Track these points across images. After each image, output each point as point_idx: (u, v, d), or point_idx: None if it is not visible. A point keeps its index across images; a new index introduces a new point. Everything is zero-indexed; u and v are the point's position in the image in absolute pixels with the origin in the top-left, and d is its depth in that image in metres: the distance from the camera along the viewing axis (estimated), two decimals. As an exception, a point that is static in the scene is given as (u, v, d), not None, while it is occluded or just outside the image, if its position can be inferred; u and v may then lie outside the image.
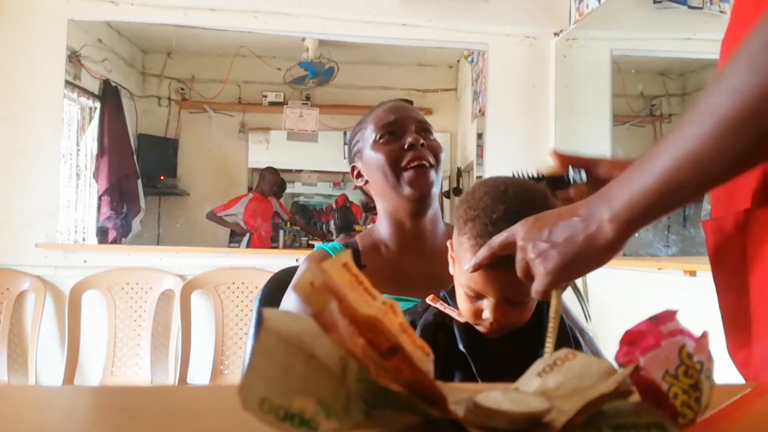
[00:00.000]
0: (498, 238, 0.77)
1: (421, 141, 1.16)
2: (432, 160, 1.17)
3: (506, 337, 0.89)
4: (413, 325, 0.92)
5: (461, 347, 0.88)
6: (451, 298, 0.93)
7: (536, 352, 0.88)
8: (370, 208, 1.47)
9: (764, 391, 0.45)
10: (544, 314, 0.93)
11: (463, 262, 0.86)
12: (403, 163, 1.16)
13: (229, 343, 3.22)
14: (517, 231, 0.74)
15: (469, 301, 0.88)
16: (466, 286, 0.86)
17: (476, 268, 0.81)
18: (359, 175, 1.27)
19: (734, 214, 0.70)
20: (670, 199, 0.62)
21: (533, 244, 0.72)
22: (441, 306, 0.92)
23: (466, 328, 0.89)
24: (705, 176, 0.58)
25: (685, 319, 0.41)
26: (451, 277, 0.97)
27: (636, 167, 0.64)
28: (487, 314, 0.86)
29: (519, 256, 0.74)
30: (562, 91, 3.36)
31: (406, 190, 1.16)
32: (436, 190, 1.19)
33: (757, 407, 0.43)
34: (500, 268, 0.80)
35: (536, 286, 0.74)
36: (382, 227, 1.24)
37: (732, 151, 0.55)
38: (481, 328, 0.89)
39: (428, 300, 0.94)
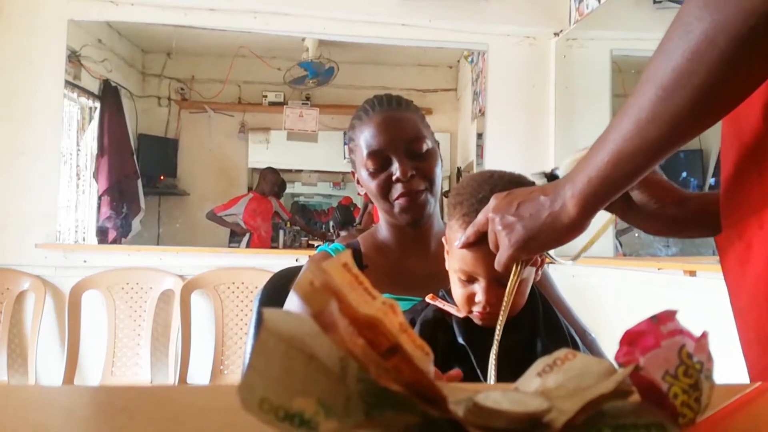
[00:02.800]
0: (480, 215, 0.81)
1: (410, 173, 1.13)
2: (423, 185, 1.15)
3: (503, 329, 0.89)
4: (412, 322, 0.92)
5: (460, 340, 0.89)
6: (450, 296, 0.94)
7: (533, 344, 0.90)
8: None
9: (765, 391, 0.45)
10: (539, 305, 0.94)
11: (453, 243, 0.88)
12: (394, 195, 1.15)
13: (229, 343, 3.22)
14: (490, 204, 0.78)
15: (462, 285, 0.89)
16: (459, 270, 0.88)
17: (464, 245, 0.84)
18: (359, 182, 1.25)
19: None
20: (622, 169, 0.64)
21: (501, 216, 0.75)
22: (440, 303, 0.93)
23: (465, 322, 0.90)
24: (649, 142, 0.60)
25: (685, 319, 0.41)
26: None
27: (594, 146, 0.68)
28: (480, 297, 0.87)
29: (489, 227, 0.78)
30: (562, 91, 3.37)
31: (400, 218, 1.17)
32: (431, 209, 1.19)
33: (757, 407, 0.43)
34: (487, 245, 0.82)
35: (498, 257, 0.77)
36: (383, 229, 1.24)
37: (668, 112, 0.56)
38: (476, 317, 0.90)
39: (427, 299, 0.95)
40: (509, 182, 0.88)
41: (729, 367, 0.70)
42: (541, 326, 0.93)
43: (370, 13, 3.36)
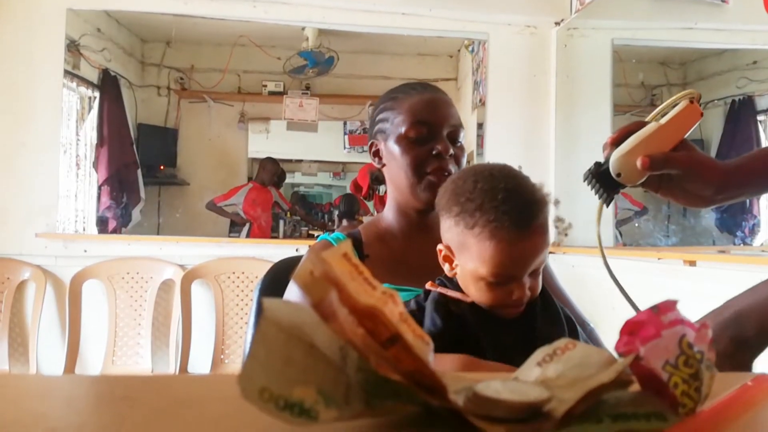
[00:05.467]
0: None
1: (451, 151, 1.14)
2: (454, 169, 1.15)
3: (515, 320, 0.90)
4: (419, 308, 0.91)
5: (473, 328, 0.88)
6: (449, 283, 0.93)
7: (549, 329, 0.91)
8: (380, 181, 1.43)
9: (765, 382, 0.45)
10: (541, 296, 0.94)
11: (480, 251, 0.85)
12: (427, 169, 1.14)
13: (230, 332, 3.23)
14: None
15: (491, 289, 0.87)
16: (491, 274, 0.86)
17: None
18: (377, 155, 1.23)
19: None
20: None
21: None
22: (443, 290, 0.92)
23: (474, 310, 0.89)
24: None
25: (686, 308, 0.41)
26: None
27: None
28: (518, 294, 0.86)
29: None
30: (563, 80, 3.36)
31: (423, 195, 1.15)
32: None
33: (758, 397, 0.43)
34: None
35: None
36: (388, 215, 1.23)
37: None
38: (503, 312, 0.89)
39: (428, 286, 0.94)
40: (510, 176, 0.87)
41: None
42: (551, 316, 0.94)
43: (370, 3, 3.34)
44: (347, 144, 5.23)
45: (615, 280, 0.96)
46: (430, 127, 1.15)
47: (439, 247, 0.95)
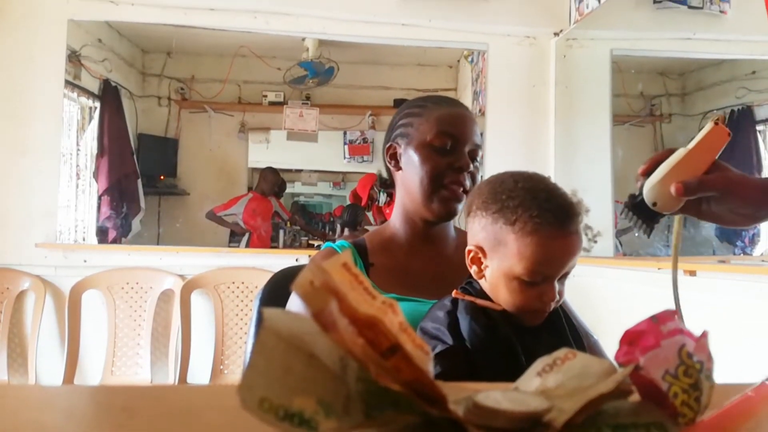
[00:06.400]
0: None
1: (471, 168, 1.14)
2: (469, 186, 1.15)
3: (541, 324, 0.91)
4: (450, 317, 0.91)
5: (507, 335, 0.89)
6: (473, 291, 0.94)
7: (569, 337, 0.92)
8: (385, 186, 1.40)
9: (765, 391, 0.45)
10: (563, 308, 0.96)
11: (519, 247, 0.86)
12: (444, 181, 1.14)
13: (229, 342, 3.22)
14: None
15: (523, 290, 0.88)
16: (526, 272, 0.87)
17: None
18: (394, 158, 1.21)
19: None
20: None
21: None
22: (470, 299, 0.92)
23: (506, 318, 0.90)
24: None
25: (686, 318, 0.41)
26: (458, 279, 0.98)
27: None
28: (549, 294, 0.88)
29: None
30: (562, 90, 3.37)
31: (435, 207, 1.14)
32: (458, 212, 1.18)
33: (758, 407, 0.43)
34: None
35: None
36: (395, 222, 1.22)
37: None
38: (532, 317, 0.90)
39: (454, 295, 0.94)
40: (546, 178, 0.91)
41: (729, 366, 0.70)
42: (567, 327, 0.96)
43: (370, 13, 3.36)
44: (347, 154, 5.23)
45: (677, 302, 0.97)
46: (455, 140, 1.15)
47: (469, 247, 0.95)
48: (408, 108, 1.23)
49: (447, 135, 1.14)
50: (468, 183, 1.14)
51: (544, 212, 0.85)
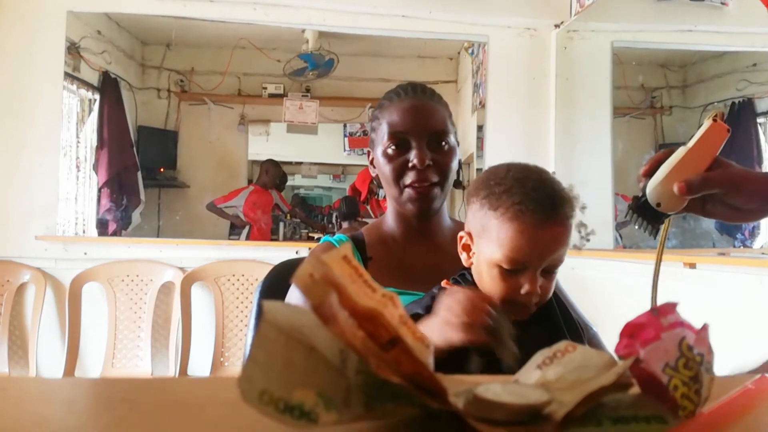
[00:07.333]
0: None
1: (427, 161, 1.12)
2: (436, 178, 1.13)
3: (527, 320, 0.90)
4: (432, 301, 0.90)
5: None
6: (464, 283, 0.93)
7: (558, 334, 0.90)
8: (381, 185, 1.41)
9: (765, 384, 0.45)
10: (553, 298, 0.94)
11: (499, 233, 0.86)
12: (406, 182, 1.13)
13: (230, 335, 3.23)
14: None
15: (503, 279, 0.87)
16: (505, 258, 0.86)
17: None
18: (372, 163, 1.23)
19: None
20: None
21: None
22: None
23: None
24: None
25: (686, 311, 0.41)
26: (455, 272, 0.98)
27: None
28: (527, 287, 0.86)
29: None
30: (563, 82, 3.36)
31: (407, 207, 1.15)
32: (438, 204, 1.17)
33: (758, 400, 0.43)
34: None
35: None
36: (390, 219, 1.23)
37: None
38: (516, 310, 0.88)
39: (443, 284, 0.94)
40: (542, 170, 0.90)
41: (729, 359, 0.70)
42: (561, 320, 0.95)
43: (370, 5, 3.34)
44: (347, 146, 5.23)
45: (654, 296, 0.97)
46: (407, 137, 1.14)
47: (460, 234, 0.95)
48: (375, 110, 1.23)
49: (397, 136, 1.14)
50: (432, 176, 1.13)
51: (528, 200, 0.84)
